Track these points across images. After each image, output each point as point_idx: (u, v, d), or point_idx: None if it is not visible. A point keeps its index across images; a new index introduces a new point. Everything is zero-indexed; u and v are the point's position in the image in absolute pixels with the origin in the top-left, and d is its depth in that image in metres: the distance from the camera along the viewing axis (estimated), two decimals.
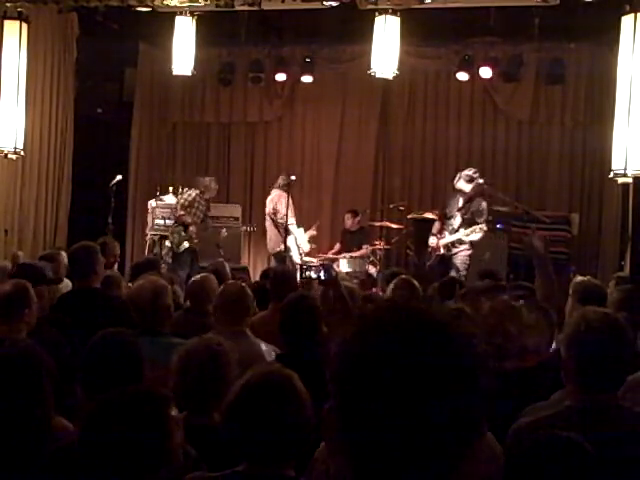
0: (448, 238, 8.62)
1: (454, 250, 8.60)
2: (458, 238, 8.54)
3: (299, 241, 9.58)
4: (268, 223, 9.72)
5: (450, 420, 1.04)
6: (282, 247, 9.36)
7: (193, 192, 9.38)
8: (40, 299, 4.12)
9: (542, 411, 2.58)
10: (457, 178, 8.77)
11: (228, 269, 6.50)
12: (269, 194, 9.78)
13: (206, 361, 2.86)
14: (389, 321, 1.08)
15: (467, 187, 8.65)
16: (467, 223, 8.57)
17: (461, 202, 8.66)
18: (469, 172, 8.74)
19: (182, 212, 9.24)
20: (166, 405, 2.07)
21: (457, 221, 8.64)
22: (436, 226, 8.85)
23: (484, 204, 8.67)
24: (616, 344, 2.46)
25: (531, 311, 3.22)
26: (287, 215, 9.26)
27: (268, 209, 9.65)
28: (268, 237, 9.78)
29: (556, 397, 2.73)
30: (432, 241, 8.76)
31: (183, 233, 9.14)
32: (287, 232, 9.29)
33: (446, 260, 8.59)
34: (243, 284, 4.36)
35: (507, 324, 3.12)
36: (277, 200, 9.50)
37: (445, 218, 8.80)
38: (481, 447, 1.15)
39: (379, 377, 1.03)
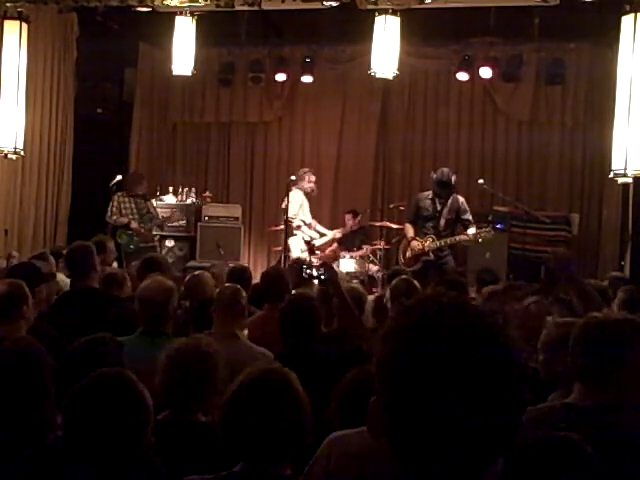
0: (440, 241, 8.10)
1: (443, 256, 8.22)
2: (451, 241, 8.10)
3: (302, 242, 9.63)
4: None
5: (499, 419, 1.08)
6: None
7: (114, 196, 9.30)
8: (39, 298, 4.12)
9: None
10: (449, 175, 8.28)
11: (225, 271, 6.47)
12: (287, 195, 9.37)
13: (193, 361, 2.83)
14: (446, 322, 1.10)
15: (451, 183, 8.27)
16: (452, 224, 8.22)
17: (437, 202, 8.23)
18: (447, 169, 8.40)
19: (114, 217, 9.19)
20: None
21: (442, 221, 8.21)
22: (410, 231, 8.35)
23: (462, 198, 8.39)
24: (620, 345, 2.45)
25: (561, 311, 3.20)
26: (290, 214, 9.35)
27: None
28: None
29: (551, 398, 2.73)
30: (416, 245, 8.24)
31: (129, 231, 9.15)
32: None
33: (436, 267, 8.12)
34: (238, 287, 4.34)
35: (545, 325, 3.09)
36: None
37: (425, 220, 8.29)
38: None
39: (435, 376, 1.06)
